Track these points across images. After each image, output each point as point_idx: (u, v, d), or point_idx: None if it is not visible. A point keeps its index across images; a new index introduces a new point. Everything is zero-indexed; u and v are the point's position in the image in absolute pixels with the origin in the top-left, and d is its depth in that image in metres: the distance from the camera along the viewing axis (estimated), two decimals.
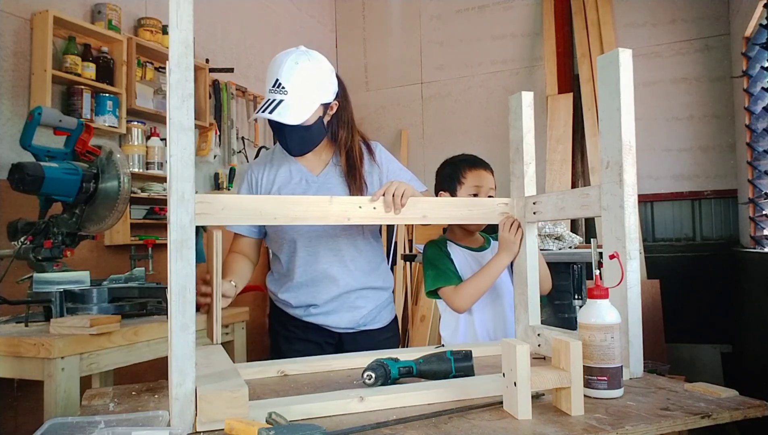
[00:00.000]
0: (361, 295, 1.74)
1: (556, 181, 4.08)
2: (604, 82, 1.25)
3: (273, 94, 1.57)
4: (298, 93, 1.56)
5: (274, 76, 1.58)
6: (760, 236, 3.24)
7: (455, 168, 1.82)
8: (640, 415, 0.96)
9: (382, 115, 5.08)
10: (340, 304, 1.72)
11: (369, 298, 1.76)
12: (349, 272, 1.71)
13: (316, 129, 1.64)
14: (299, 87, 1.57)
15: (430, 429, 0.93)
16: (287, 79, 1.56)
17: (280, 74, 1.57)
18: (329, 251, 1.70)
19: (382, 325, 1.79)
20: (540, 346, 1.45)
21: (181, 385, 0.93)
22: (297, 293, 1.73)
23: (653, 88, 4.05)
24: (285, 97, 1.56)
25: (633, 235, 1.20)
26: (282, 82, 1.56)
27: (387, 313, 1.82)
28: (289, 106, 1.56)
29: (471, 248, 1.81)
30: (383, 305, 1.80)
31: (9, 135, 2.58)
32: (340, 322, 1.73)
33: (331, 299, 1.71)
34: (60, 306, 1.72)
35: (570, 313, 2.97)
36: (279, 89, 1.57)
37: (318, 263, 1.71)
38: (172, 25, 0.96)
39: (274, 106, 1.55)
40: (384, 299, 1.81)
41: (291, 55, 1.59)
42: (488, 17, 4.70)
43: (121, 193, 1.96)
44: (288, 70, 1.57)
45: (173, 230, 0.95)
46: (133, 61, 3.09)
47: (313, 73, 1.59)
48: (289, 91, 1.56)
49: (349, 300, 1.72)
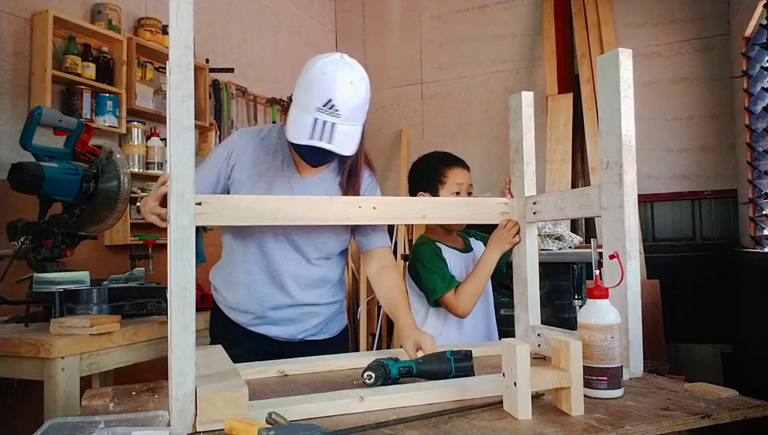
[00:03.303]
0: (310, 310, 1.61)
1: (556, 181, 4.08)
2: (604, 82, 1.25)
3: (324, 115, 1.36)
4: (352, 118, 1.39)
5: (325, 93, 1.36)
6: (760, 236, 3.24)
7: (432, 167, 1.80)
8: (640, 415, 0.96)
9: (382, 115, 5.08)
10: (285, 316, 1.59)
11: (317, 313, 1.62)
12: (299, 286, 1.58)
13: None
14: (354, 112, 1.39)
15: (430, 429, 0.93)
16: (343, 103, 1.36)
17: (334, 94, 1.36)
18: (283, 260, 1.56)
19: (329, 336, 1.67)
20: (540, 346, 1.45)
21: (181, 385, 0.93)
22: (240, 296, 1.59)
23: (653, 88, 4.05)
24: (337, 121, 1.37)
25: (633, 235, 1.20)
26: (336, 104, 1.36)
27: (336, 323, 1.70)
28: (344, 134, 1.38)
29: (458, 249, 1.82)
30: (333, 316, 1.68)
31: (9, 135, 2.57)
32: (282, 333, 1.60)
33: (276, 309, 1.58)
34: (60, 306, 1.72)
35: (570, 313, 2.96)
36: (332, 111, 1.36)
37: (269, 270, 1.57)
38: (172, 25, 0.96)
39: (330, 133, 1.37)
40: (333, 311, 1.67)
41: (343, 72, 1.38)
42: (488, 17, 4.70)
43: (121, 193, 1.96)
44: (344, 92, 1.37)
45: (173, 230, 0.95)
46: (133, 61, 3.09)
47: (365, 94, 1.42)
48: (342, 114, 1.37)
49: (295, 313, 1.59)
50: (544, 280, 2.89)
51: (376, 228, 1.62)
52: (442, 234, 1.82)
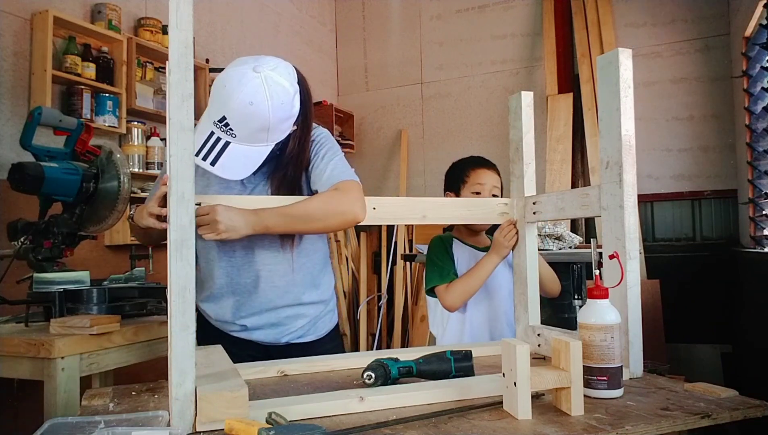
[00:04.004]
0: (291, 312, 1.53)
1: (556, 181, 4.08)
2: (604, 82, 1.25)
3: (218, 131, 1.28)
4: (248, 138, 1.29)
5: (222, 106, 1.26)
6: (760, 236, 3.24)
7: (460, 168, 1.84)
8: (640, 415, 0.96)
9: (382, 115, 5.08)
10: (265, 321, 1.51)
11: (300, 314, 1.54)
12: (274, 291, 1.50)
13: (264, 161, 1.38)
14: (251, 133, 1.28)
15: (430, 429, 0.93)
16: (238, 123, 1.26)
17: (228, 111, 1.26)
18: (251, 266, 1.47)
19: (317, 337, 1.59)
20: (540, 346, 1.45)
21: (181, 385, 0.93)
22: (216, 305, 1.53)
23: (653, 88, 4.05)
24: (232, 141, 1.28)
25: (633, 235, 1.20)
26: (230, 122, 1.26)
27: (324, 323, 1.61)
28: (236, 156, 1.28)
29: (477, 248, 1.82)
30: (320, 317, 1.59)
31: (9, 135, 2.58)
32: (266, 338, 1.53)
33: (254, 315, 1.51)
34: (60, 306, 1.72)
35: (570, 313, 2.96)
36: (226, 129, 1.27)
37: (239, 278, 1.49)
38: (172, 25, 0.96)
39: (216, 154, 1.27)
40: (320, 311, 1.59)
41: (245, 88, 1.25)
42: (488, 17, 4.70)
43: (121, 193, 1.96)
44: (240, 111, 1.25)
45: (173, 230, 0.95)
46: (133, 61, 3.09)
47: (269, 116, 1.27)
48: (237, 135, 1.27)
49: (276, 316, 1.52)
50: None
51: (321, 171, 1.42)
52: (466, 234, 1.84)
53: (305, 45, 4.86)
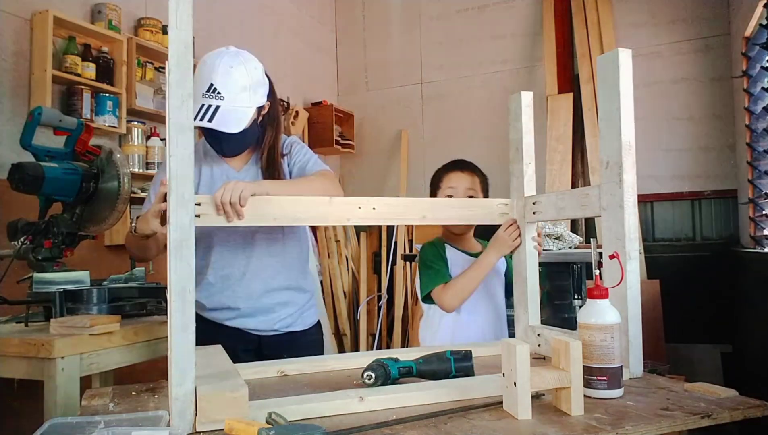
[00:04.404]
0: (281, 297, 1.68)
1: (556, 181, 4.08)
2: (604, 82, 1.25)
3: (208, 100, 1.50)
4: (235, 99, 1.51)
5: (207, 79, 1.50)
6: (760, 236, 3.24)
7: (437, 174, 1.87)
8: (640, 415, 0.96)
9: (382, 115, 5.08)
10: (257, 307, 1.65)
11: (289, 301, 1.70)
12: (266, 273, 1.65)
13: (251, 132, 1.60)
14: (236, 93, 1.51)
15: (430, 429, 0.93)
16: (223, 85, 1.50)
17: (214, 78, 1.50)
18: (245, 250, 1.64)
19: (305, 328, 1.73)
20: (540, 346, 1.45)
21: (181, 385, 0.93)
22: (210, 293, 1.66)
23: (653, 88, 4.05)
24: (222, 103, 1.50)
25: (633, 235, 1.20)
26: (217, 86, 1.49)
27: (310, 315, 1.76)
28: (228, 113, 1.50)
29: (468, 252, 1.81)
30: (306, 307, 1.75)
31: (9, 135, 2.57)
32: (259, 325, 1.66)
33: (248, 301, 1.64)
34: (60, 306, 1.72)
35: (570, 313, 2.97)
36: (214, 94, 1.50)
37: (233, 263, 1.64)
38: (171, 25, 0.96)
39: (212, 114, 1.49)
40: (306, 301, 1.75)
41: (224, 58, 1.52)
42: (488, 17, 4.70)
43: (121, 193, 1.96)
44: (223, 75, 1.50)
45: (173, 230, 0.95)
46: (133, 61, 3.09)
47: (248, 76, 1.54)
48: (225, 96, 1.50)
49: (267, 302, 1.66)
50: (544, 280, 2.90)
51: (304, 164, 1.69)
52: (452, 237, 1.83)
53: (305, 45, 4.86)
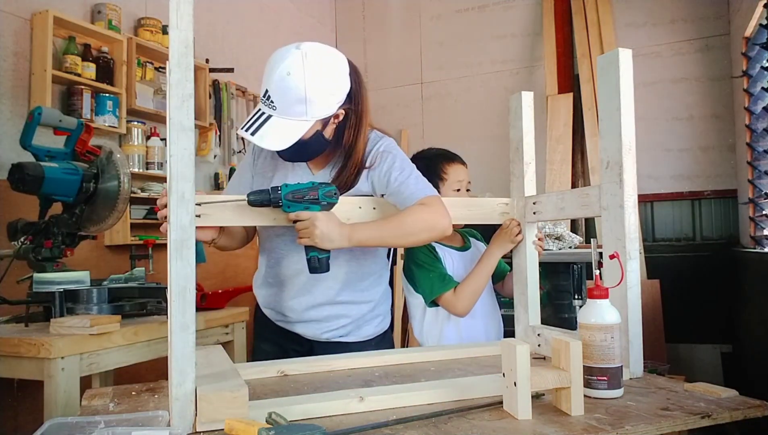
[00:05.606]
0: (333, 309, 1.54)
1: (556, 181, 4.08)
2: (604, 82, 1.25)
3: (263, 107, 1.36)
4: (287, 110, 1.33)
5: (265, 82, 1.36)
6: (760, 236, 3.24)
7: (432, 163, 1.75)
8: (640, 415, 0.96)
9: (382, 115, 5.07)
10: (306, 315, 1.54)
11: (343, 313, 1.55)
12: (316, 288, 1.52)
13: (313, 143, 1.41)
14: (290, 104, 1.33)
15: (430, 429, 0.93)
16: (277, 94, 1.33)
17: (269, 84, 1.34)
18: (298, 256, 1.49)
19: (361, 339, 1.58)
20: (540, 346, 1.45)
21: (181, 385, 0.93)
22: (265, 292, 1.61)
23: (653, 88, 4.05)
24: (273, 113, 1.34)
25: (633, 235, 1.20)
26: (271, 94, 1.33)
27: (371, 327, 1.60)
28: (276, 126, 1.34)
29: (456, 248, 1.80)
30: (365, 319, 1.59)
31: (9, 135, 2.57)
32: (307, 332, 1.56)
33: (291, 312, 1.55)
34: (60, 306, 1.72)
35: (570, 313, 2.97)
36: (268, 102, 1.34)
37: (283, 267, 1.54)
38: (172, 25, 0.96)
39: (258, 125, 1.34)
40: (365, 312, 1.58)
41: (285, 61, 1.33)
42: (488, 17, 4.70)
43: (121, 193, 1.96)
44: (279, 81, 1.32)
45: (173, 230, 0.95)
46: (133, 61, 3.09)
47: (309, 86, 1.32)
48: (278, 107, 1.33)
49: (313, 315, 1.54)
50: (544, 280, 2.89)
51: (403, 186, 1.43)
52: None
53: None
